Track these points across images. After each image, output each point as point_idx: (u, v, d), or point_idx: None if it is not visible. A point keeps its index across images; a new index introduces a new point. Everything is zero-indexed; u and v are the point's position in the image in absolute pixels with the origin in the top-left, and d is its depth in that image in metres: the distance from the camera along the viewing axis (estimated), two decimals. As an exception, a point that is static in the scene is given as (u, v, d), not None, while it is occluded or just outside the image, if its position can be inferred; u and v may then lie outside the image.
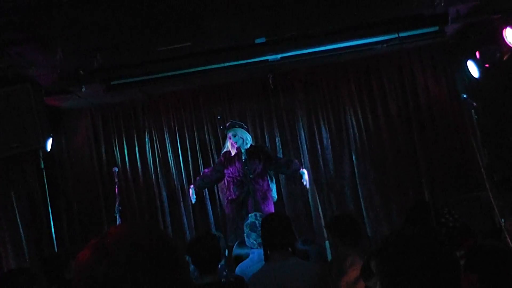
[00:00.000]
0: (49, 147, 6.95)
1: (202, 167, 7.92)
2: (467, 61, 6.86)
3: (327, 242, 7.13)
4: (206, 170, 7.38)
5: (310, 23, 6.21)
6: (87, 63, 6.13)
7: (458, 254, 2.62)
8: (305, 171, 7.17)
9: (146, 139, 8.19)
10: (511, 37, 5.94)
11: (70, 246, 7.71)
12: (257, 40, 6.41)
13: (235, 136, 6.94)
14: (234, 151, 6.99)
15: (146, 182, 8.14)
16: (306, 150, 7.90)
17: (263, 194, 6.83)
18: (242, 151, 6.71)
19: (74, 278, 1.33)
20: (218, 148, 7.91)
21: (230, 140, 7.02)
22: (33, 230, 7.18)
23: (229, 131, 7.03)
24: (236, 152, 6.95)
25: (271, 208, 6.88)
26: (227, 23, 5.79)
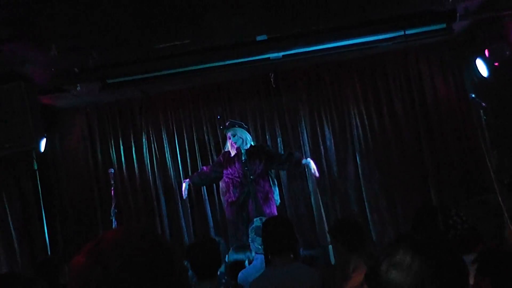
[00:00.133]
0: (42, 148, 6.95)
1: (201, 169, 7.91)
2: (476, 59, 6.85)
3: (330, 246, 7.14)
4: (205, 168, 7.39)
5: (313, 20, 6.21)
6: (83, 61, 6.12)
7: (469, 258, 2.62)
8: (309, 160, 7.14)
9: (143, 140, 8.19)
10: (522, 34, 5.95)
11: (64, 250, 7.71)
12: (258, 37, 6.40)
13: (235, 136, 6.94)
14: (233, 152, 6.99)
15: (143, 184, 8.14)
16: (308, 151, 7.89)
17: (265, 196, 6.83)
18: (242, 152, 6.71)
19: (69, 284, 1.32)
20: (218, 149, 7.91)
21: (230, 140, 7.02)
22: (25, 233, 7.18)
23: (228, 131, 7.03)
24: (236, 152, 6.95)
25: (274, 210, 6.87)
26: (228, 20, 5.78)
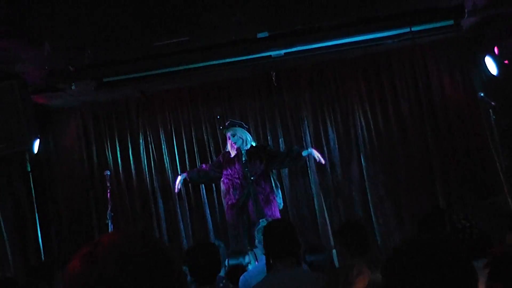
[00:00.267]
0: (36, 149, 6.93)
1: (200, 166, 7.89)
2: (485, 57, 6.85)
3: (334, 250, 7.13)
4: (204, 165, 7.41)
5: (316, 16, 6.21)
6: (78, 59, 6.13)
7: (481, 262, 2.62)
8: (311, 149, 7.16)
9: (141, 140, 8.19)
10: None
11: (58, 255, 7.70)
12: (259, 34, 6.40)
13: (234, 136, 6.94)
14: (233, 152, 6.99)
15: (140, 186, 8.13)
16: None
17: (266, 197, 6.82)
18: (242, 152, 6.71)
19: (63, 290, 1.32)
20: (218, 149, 7.91)
21: (229, 140, 7.02)
22: (18, 237, 7.17)
23: (228, 131, 7.03)
24: (236, 153, 6.95)
25: (276, 212, 6.86)
26: (228, 16, 5.78)
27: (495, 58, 6.68)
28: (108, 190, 7.12)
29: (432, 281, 1.69)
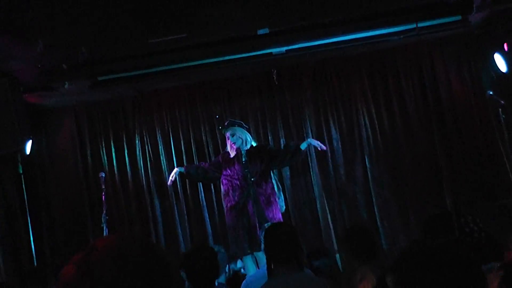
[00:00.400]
0: (28, 150, 6.95)
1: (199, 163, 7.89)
2: (494, 54, 6.84)
3: (338, 255, 7.13)
4: (203, 163, 7.43)
5: (318, 12, 6.20)
6: (71, 57, 6.13)
7: (490, 266, 2.61)
8: (309, 139, 7.17)
9: (137, 141, 8.18)
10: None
11: (51, 260, 7.70)
12: (260, 31, 6.40)
13: (234, 136, 6.95)
14: (233, 153, 6.99)
15: (136, 188, 8.13)
16: (314, 152, 7.87)
17: (267, 199, 6.82)
18: (242, 153, 6.71)
19: (56, 297, 1.32)
20: (216, 150, 7.91)
21: (228, 140, 7.02)
22: (10, 242, 7.17)
23: (227, 131, 7.03)
24: (235, 153, 6.95)
25: (277, 214, 6.86)
26: (227, 12, 5.78)
27: (505, 55, 6.67)
28: (103, 193, 7.11)
29: (440, 286, 1.69)
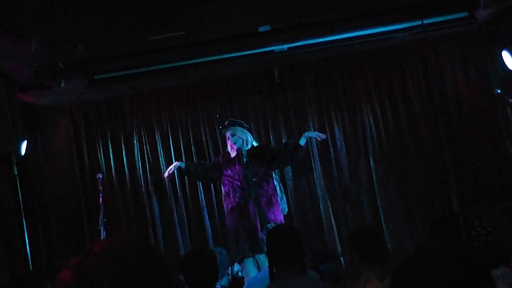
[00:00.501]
0: (23, 151, 6.94)
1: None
2: (502, 51, 6.84)
3: (342, 258, 7.12)
4: (204, 161, 7.43)
5: (321, 9, 6.19)
6: (67, 55, 6.13)
7: (498, 271, 2.61)
8: (307, 133, 7.13)
9: (135, 141, 8.18)
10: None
11: (47, 264, 7.70)
12: (261, 28, 6.39)
13: (234, 136, 6.95)
14: (234, 153, 6.99)
15: (135, 190, 8.13)
16: (317, 153, 7.88)
17: (268, 200, 6.81)
18: (243, 153, 6.71)
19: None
20: (216, 151, 7.90)
21: (229, 140, 7.02)
22: (4, 245, 7.16)
23: (227, 131, 7.03)
24: (236, 153, 6.95)
25: (279, 216, 6.85)
26: (227, 9, 5.78)
27: (513, 53, 6.68)
28: (100, 194, 7.11)
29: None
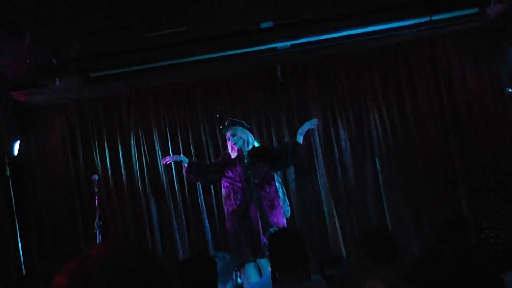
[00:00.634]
0: (16, 151, 6.93)
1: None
2: (513, 48, 6.85)
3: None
4: (204, 162, 7.45)
5: (326, 4, 6.20)
6: (62, 51, 6.12)
7: (509, 275, 2.61)
8: (300, 129, 7.05)
9: (132, 142, 8.18)
10: None
11: (41, 268, 7.69)
12: (263, 24, 6.39)
13: (234, 136, 6.93)
14: (234, 154, 6.98)
15: (132, 192, 8.13)
16: (321, 154, 7.87)
17: (270, 202, 6.80)
18: (244, 154, 6.71)
19: (47, 309, 1.31)
20: (217, 151, 7.90)
21: (229, 141, 7.01)
22: (-3, 249, 7.17)
23: (227, 131, 7.02)
24: (237, 154, 6.94)
25: (281, 219, 6.84)
26: (228, 4, 5.78)
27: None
28: (96, 197, 7.10)
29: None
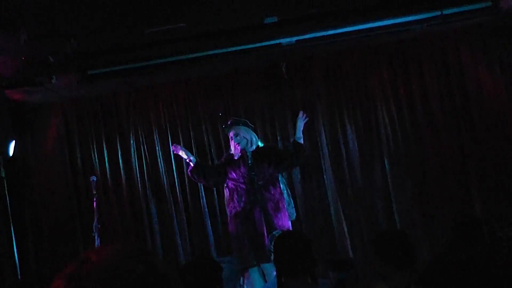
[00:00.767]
0: (11, 152, 6.95)
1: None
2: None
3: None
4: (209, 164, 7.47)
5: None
6: (59, 48, 6.13)
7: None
8: (297, 128, 7.02)
9: (131, 141, 8.18)
10: None
11: (37, 272, 7.70)
12: (266, 19, 6.39)
13: (237, 135, 6.93)
14: (237, 154, 6.98)
15: (131, 193, 8.14)
16: (327, 154, 7.87)
17: (275, 205, 6.80)
18: (248, 154, 6.70)
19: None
20: (219, 152, 7.90)
21: (232, 140, 7.01)
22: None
23: (230, 130, 7.02)
24: (240, 154, 6.93)
25: (286, 222, 6.84)
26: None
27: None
28: (94, 199, 7.10)
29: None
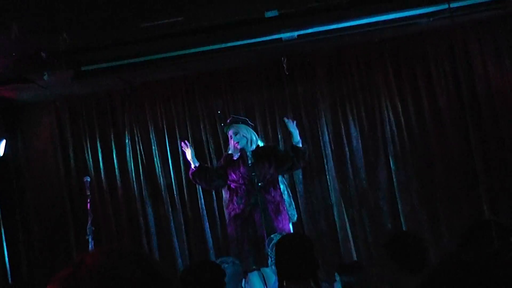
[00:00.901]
0: (2, 151, 6.95)
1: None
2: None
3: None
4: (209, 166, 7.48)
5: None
6: (51, 43, 6.12)
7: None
8: (292, 132, 7.00)
9: (127, 140, 8.19)
10: None
11: (28, 277, 7.70)
12: (267, 13, 6.38)
13: (237, 134, 6.93)
14: (237, 154, 6.98)
15: (127, 195, 8.13)
16: (330, 153, 7.86)
17: (276, 207, 6.81)
18: (248, 154, 6.69)
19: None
20: (219, 151, 7.89)
21: (231, 139, 7.01)
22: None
23: (229, 129, 7.02)
24: (239, 154, 6.93)
25: (286, 225, 6.85)
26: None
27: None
28: (88, 200, 7.10)
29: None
